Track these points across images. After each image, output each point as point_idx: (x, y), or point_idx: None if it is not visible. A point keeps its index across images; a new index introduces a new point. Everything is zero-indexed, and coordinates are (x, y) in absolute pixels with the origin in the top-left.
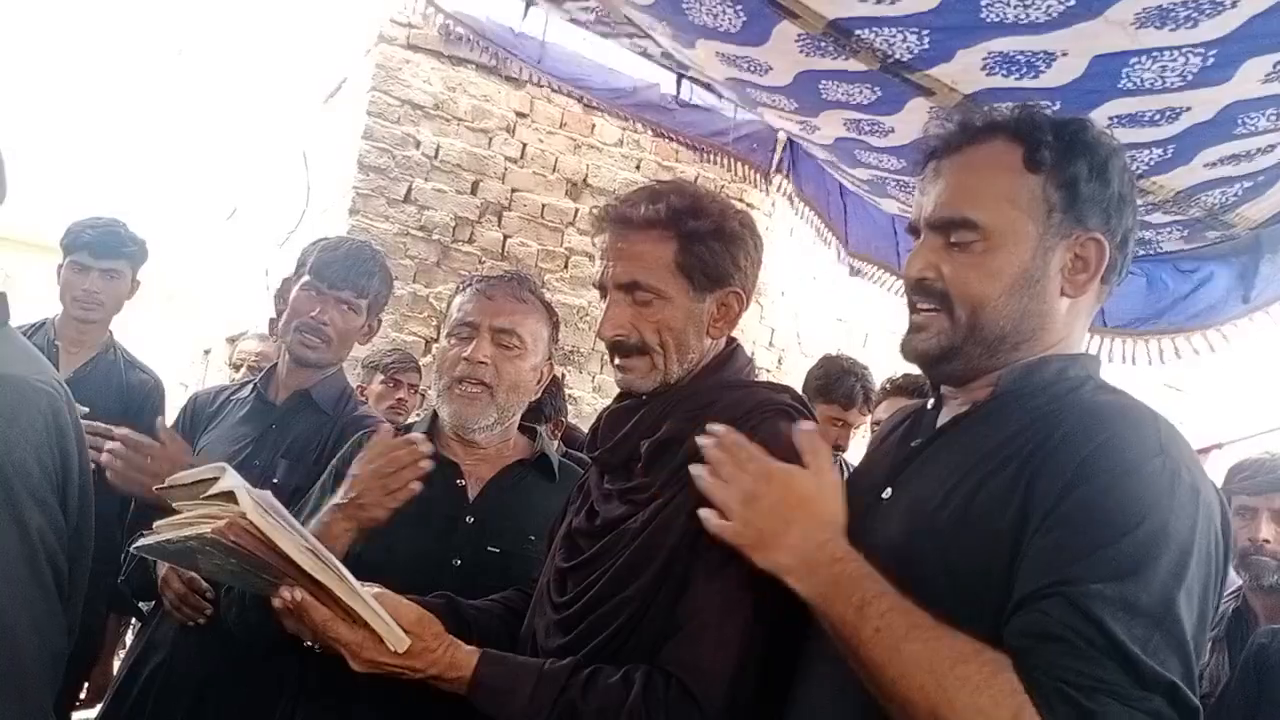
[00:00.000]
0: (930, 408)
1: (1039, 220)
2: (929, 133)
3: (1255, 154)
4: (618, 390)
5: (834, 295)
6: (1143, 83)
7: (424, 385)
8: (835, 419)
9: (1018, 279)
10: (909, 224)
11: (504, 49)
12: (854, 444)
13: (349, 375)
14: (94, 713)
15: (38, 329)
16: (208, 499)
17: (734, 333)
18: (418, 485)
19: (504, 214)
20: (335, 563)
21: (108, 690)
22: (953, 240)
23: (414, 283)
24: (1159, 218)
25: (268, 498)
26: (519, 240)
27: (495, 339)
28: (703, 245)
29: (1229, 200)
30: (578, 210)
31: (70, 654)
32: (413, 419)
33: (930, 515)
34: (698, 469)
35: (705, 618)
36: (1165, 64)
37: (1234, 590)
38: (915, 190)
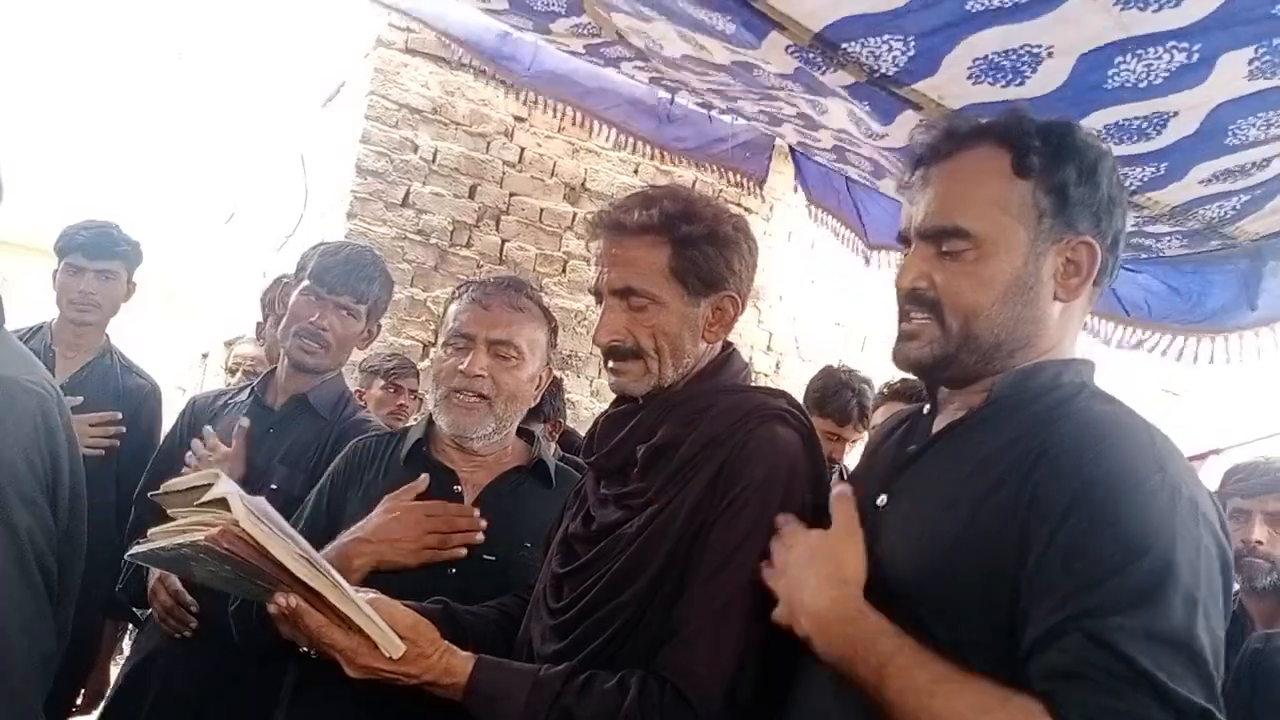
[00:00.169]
0: (925, 413)
1: (1030, 226)
2: (915, 140)
3: (1251, 169)
4: (614, 395)
5: (832, 299)
6: (1127, 82)
7: (422, 390)
8: (830, 433)
9: (1010, 286)
10: (899, 233)
11: (495, 60)
12: (854, 446)
13: (347, 380)
14: (90, 718)
15: (34, 333)
16: (201, 506)
17: (731, 336)
18: (462, 551)
19: (502, 218)
20: (330, 569)
21: (104, 697)
22: (944, 249)
23: (412, 287)
24: (1159, 228)
25: (261, 504)
26: (517, 244)
27: (492, 350)
28: (696, 250)
29: (1227, 214)
30: (576, 214)
31: (66, 659)
32: (410, 424)
33: (927, 523)
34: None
35: (700, 622)
36: (1150, 62)
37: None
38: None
